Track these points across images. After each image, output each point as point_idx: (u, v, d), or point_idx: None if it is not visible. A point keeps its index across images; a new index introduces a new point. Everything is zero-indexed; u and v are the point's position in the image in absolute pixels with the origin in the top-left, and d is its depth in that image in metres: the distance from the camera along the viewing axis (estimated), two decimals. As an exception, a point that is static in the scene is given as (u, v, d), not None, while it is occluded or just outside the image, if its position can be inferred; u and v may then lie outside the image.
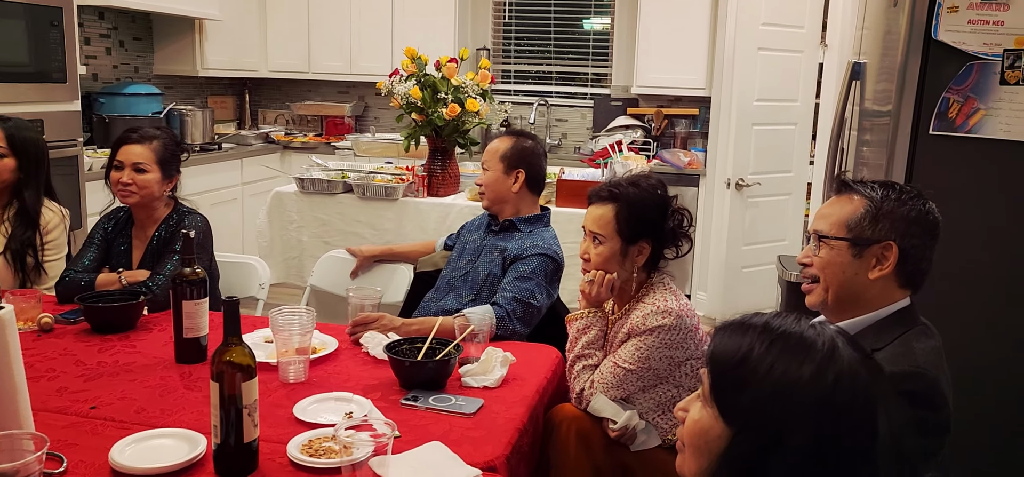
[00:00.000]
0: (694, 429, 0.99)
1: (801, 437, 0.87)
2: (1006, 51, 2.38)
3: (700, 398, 1.01)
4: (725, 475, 0.92)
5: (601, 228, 1.99)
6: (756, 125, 4.15)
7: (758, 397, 0.92)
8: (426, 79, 3.53)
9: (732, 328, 0.99)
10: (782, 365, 0.91)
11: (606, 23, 5.86)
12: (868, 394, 0.90)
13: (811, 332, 0.94)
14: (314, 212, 3.66)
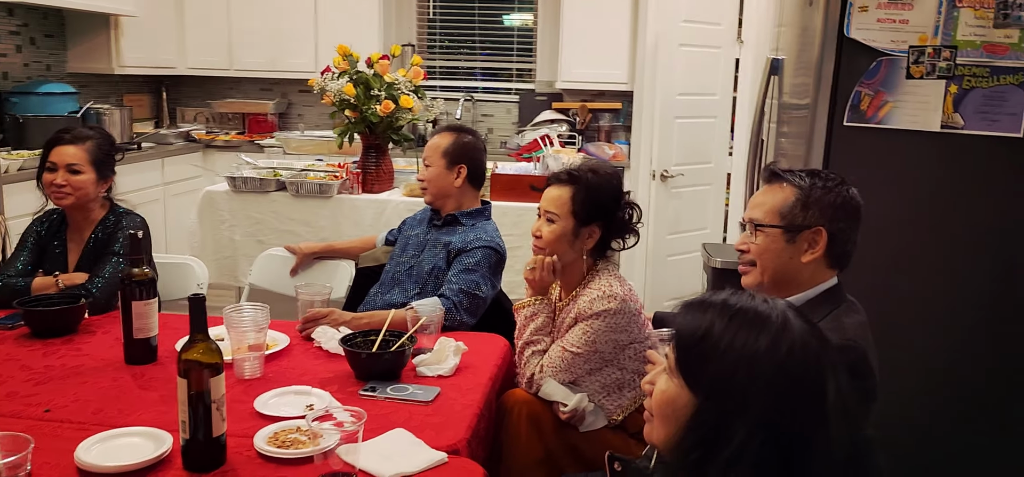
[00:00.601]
0: (662, 399, 1.08)
1: (761, 401, 0.97)
2: (911, 47, 2.57)
3: (665, 371, 1.10)
4: (692, 439, 1.01)
5: (557, 208, 2.08)
6: (678, 118, 4.32)
7: (721, 368, 1.01)
8: (359, 76, 3.54)
9: (694, 306, 1.08)
10: (741, 338, 1.01)
11: (527, 19, 5.96)
12: (818, 360, 1.00)
13: (765, 307, 1.04)
14: (247, 211, 3.63)
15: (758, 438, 0.95)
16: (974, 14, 2.52)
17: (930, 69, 2.57)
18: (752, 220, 1.73)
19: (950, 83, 2.56)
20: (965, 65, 2.54)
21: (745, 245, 1.74)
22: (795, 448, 0.96)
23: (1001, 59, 2.52)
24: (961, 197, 2.61)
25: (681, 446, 1.03)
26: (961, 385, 2.67)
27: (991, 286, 2.62)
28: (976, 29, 2.52)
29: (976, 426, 2.68)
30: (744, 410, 0.97)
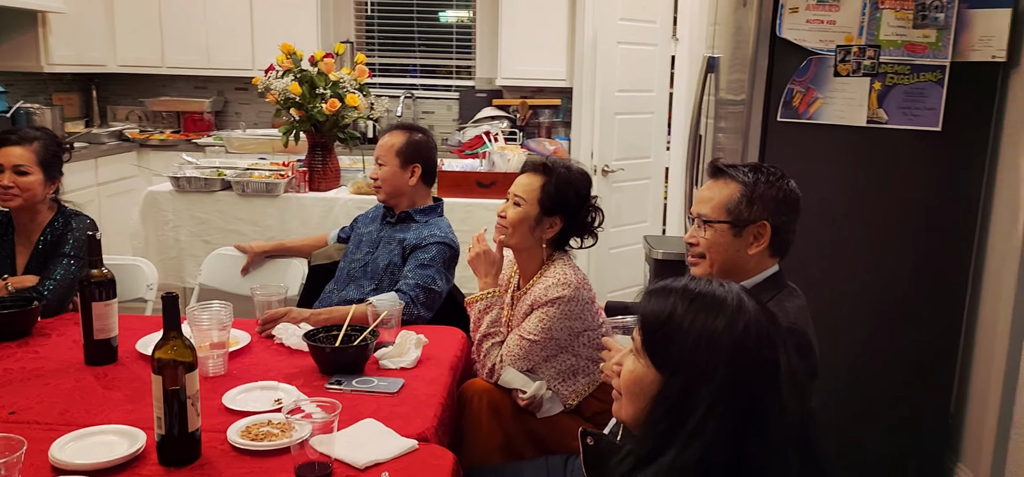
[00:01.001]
0: (630, 378, 1.16)
1: (721, 375, 1.06)
2: (838, 47, 2.73)
3: (632, 353, 1.18)
4: (660, 413, 1.10)
5: (525, 193, 2.15)
6: (618, 114, 4.44)
7: (684, 347, 1.10)
8: (304, 75, 3.55)
9: (656, 292, 1.17)
10: (701, 319, 1.10)
11: (462, 16, 6.02)
12: (770, 337, 1.10)
13: (721, 291, 1.14)
14: (191, 211, 3.60)
15: (719, 408, 1.05)
16: (895, 15, 2.69)
17: (856, 67, 2.73)
18: (700, 215, 1.83)
19: (874, 80, 2.72)
20: (888, 63, 2.71)
21: (694, 239, 1.84)
22: (752, 416, 1.05)
23: (920, 57, 2.70)
24: (885, 187, 2.79)
25: (649, 419, 1.11)
26: (884, 364, 2.85)
27: (912, 269, 2.80)
28: (897, 29, 2.70)
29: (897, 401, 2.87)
30: (706, 383, 1.06)
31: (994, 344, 2.69)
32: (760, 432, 1.05)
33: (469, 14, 6.00)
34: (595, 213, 2.23)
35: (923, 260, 2.80)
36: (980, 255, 2.79)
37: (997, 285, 2.69)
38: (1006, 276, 2.64)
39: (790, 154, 2.77)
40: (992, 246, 2.75)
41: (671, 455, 1.04)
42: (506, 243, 2.19)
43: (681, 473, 1.03)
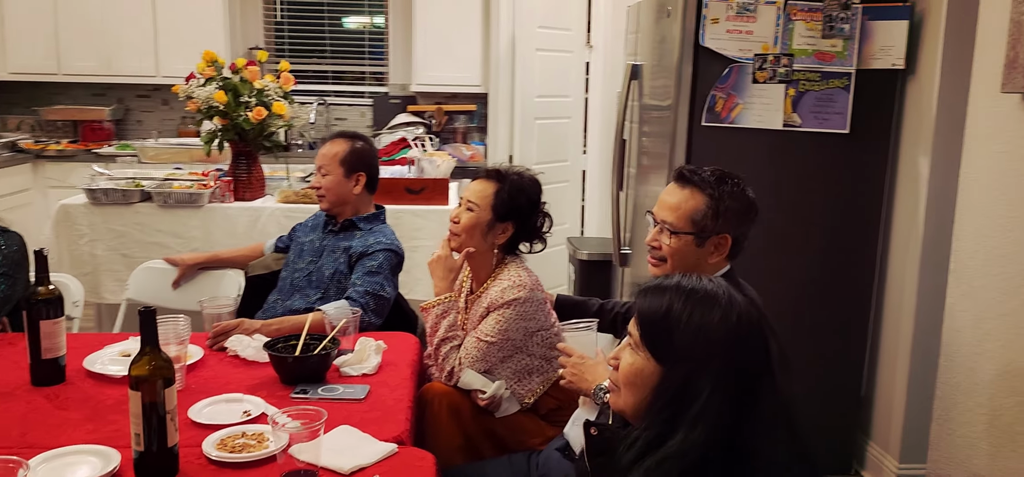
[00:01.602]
0: (630, 371, 1.24)
1: (719, 362, 1.15)
2: (756, 55, 2.90)
3: (628, 348, 1.26)
4: (663, 401, 1.18)
5: (479, 199, 2.19)
6: (538, 119, 4.54)
7: (683, 339, 1.18)
8: (227, 83, 3.48)
9: (651, 290, 1.25)
10: (698, 313, 1.19)
11: (365, 22, 6.00)
12: (759, 325, 1.20)
13: (711, 286, 1.23)
14: (108, 224, 3.47)
15: (720, 393, 1.14)
16: (806, 26, 2.89)
17: (772, 74, 2.91)
18: (665, 223, 1.90)
19: (789, 87, 2.92)
20: (800, 71, 2.90)
21: (657, 242, 1.92)
22: (749, 397, 1.15)
23: (829, 65, 2.90)
24: (801, 185, 2.98)
25: (653, 407, 1.19)
26: (800, 348, 3.04)
27: (825, 259, 3.01)
28: (808, 39, 2.89)
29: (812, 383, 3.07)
30: (706, 372, 1.15)
31: (899, 327, 2.92)
32: (756, 411, 1.14)
33: (376, 20, 5.98)
34: (545, 218, 2.31)
35: (835, 250, 3.01)
36: (886, 244, 3.02)
37: (902, 271, 2.92)
38: (909, 263, 2.87)
39: (714, 156, 2.90)
40: (896, 235, 2.98)
41: (679, 438, 1.13)
42: (458, 248, 2.24)
43: (689, 453, 1.12)
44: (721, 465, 1.12)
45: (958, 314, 1.87)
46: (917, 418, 2.80)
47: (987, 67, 1.76)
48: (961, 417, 1.82)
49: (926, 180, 2.79)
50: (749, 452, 1.13)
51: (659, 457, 1.13)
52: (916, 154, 2.85)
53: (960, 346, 1.85)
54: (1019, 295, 1.65)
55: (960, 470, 1.79)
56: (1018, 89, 1.63)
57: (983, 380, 1.76)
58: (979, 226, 1.79)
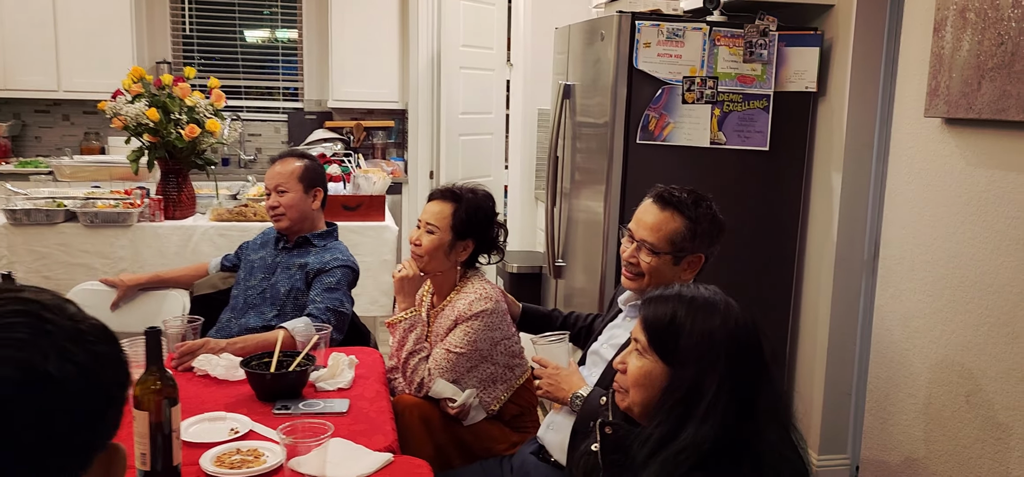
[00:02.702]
0: (639, 374, 1.36)
1: (722, 362, 1.29)
2: (684, 78, 3.10)
3: (635, 353, 1.38)
4: (673, 400, 1.30)
5: (437, 221, 2.26)
6: (462, 136, 4.64)
7: (688, 343, 1.31)
8: (156, 99, 3.42)
9: (656, 300, 1.38)
10: (700, 320, 1.32)
11: (266, 36, 5.96)
12: (754, 326, 1.34)
13: (709, 293, 1.36)
14: (28, 245, 3.34)
15: (725, 390, 1.27)
16: (729, 51, 3.11)
17: (699, 96, 3.12)
18: (645, 242, 2.02)
19: (714, 107, 3.13)
20: (725, 92, 3.12)
21: (634, 258, 2.04)
22: (750, 393, 1.29)
23: (750, 88, 3.13)
24: (726, 198, 3.16)
25: (663, 406, 1.31)
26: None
27: (748, 265, 3.23)
28: (731, 63, 3.11)
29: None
30: (711, 371, 1.28)
31: (816, 327, 3.17)
32: (756, 405, 1.28)
33: (280, 34, 5.94)
34: (500, 230, 2.40)
35: (758, 258, 3.23)
36: (802, 251, 3.27)
37: (817, 276, 3.17)
38: (824, 269, 3.13)
39: (647, 172, 3.10)
40: (811, 243, 3.23)
41: (690, 432, 1.25)
42: (422, 269, 2.30)
43: (701, 445, 1.24)
44: (728, 454, 1.25)
45: (887, 315, 2.09)
46: (834, 412, 3.05)
47: (910, 94, 1.98)
48: (894, 408, 2.03)
49: (838, 192, 3.05)
50: (751, 441, 1.27)
51: (674, 450, 1.25)
52: (829, 169, 3.11)
53: (890, 344, 2.07)
54: (943, 297, 1.87)
55: (895, 454, 2.00)
56: (939, 114, 1.86)
57: (913, 373, 1.97)
58: (904, 236, 2.01)
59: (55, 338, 0.76)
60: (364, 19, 5.52)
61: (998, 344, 1.71)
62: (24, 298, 0.79)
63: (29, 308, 0.77)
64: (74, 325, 0.80)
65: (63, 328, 0.78)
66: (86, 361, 0.79)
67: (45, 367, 0.75)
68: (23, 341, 0.75)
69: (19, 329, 0.76)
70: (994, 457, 1.72)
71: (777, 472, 1.27)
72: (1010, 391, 1.68)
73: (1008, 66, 1.65)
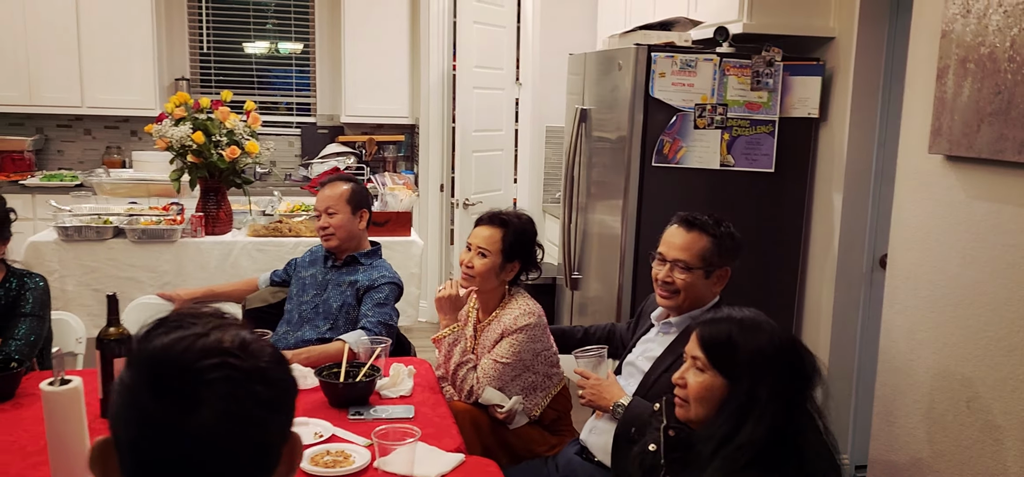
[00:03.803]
0: (700, 389, 1.59)
1: (773, 374, 1.52)
2: (696, 105, 3.34)
3: (693, 370, 1.61)
4: (730, 408, 1.53)
5: (489, 245, 2.48)
6: (475, 152, 4.86)
7: (744, 359, 1.55)
8: (198, 122, 3.62)
9: (711, 323, 1.61)
10: (753, 338, 1.56)
11: (268, 47, 6.16)
12: (794, 341, 1.58)
13: (754, 315, 1.60)
14: (80, 260, 3.53)
15: (774, 396, 1.51)
16: (738, 80, 3.35)
17: (710, 121, 3.36)
18: (678, 261, 2.27)
19: (724, 132, 3.37)
20: (733, 118, 3.36)
21: (669, 278, 2.28)
22: (797, 398, 1.53)
23: (757, 114, 3.38)
24: (734, 217, 3.39)
25: (723, 413, 1.55)
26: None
27: (754, 278, 3.47)
28: (739, 91, 3.36)
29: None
30: (764, 382, 1.52)
31: (818, 336, 3.42)
32: (801, 410, 1.52)
33: (282, 46, 6.13)
34: (541, 249, 2.63)
35: (763, 271, 3.48)
36: (805, 264, 3.52)
37: (819, 289, 3.42)
38: (825, 280, 3.38)
39: (663, 192, 3.35)
40: (813, 257, 3.48)
41: (747, 432, 1.49)
42: (474, 288, 2.51)
43: (756, 443, 1.48)
44: (777, 451, 1.49)
45: (893, 328, 2.33)
46: (835, 414, 3.29)
47: (914, 131, 2.23)
48: (899, 412, 2.27)
49: (839, 211, 3.30)
50: (796, 440, 1.51)
51: (733, 447, 1.48)
52: (830, 189, 3.36)
53: (896, 354, 2.31)
54: (945, 313, 2.11)
55: (901, 455, 2.24)
56: (942, 151, 2.10)
57: (917, 381, 2.21)
58: (909, 258, 2.26)
59: (247, 383, 0.90)
60: (375, 36, 5.74)
61: (995, 356, 1.95)
62: (221, 348, 0.90)
63: (224, 361, 0.89)
64: (255, 363, 0.91)
65: (250, 371, 0.91)
66: (271, 395, 0.93)
67: (249, 411, 0.89)
68: (226, 395, 0.88)
69: (218, 385, 0.88)
70: (992, 456, 1.97)
71: (815, 467, 1.50)
72: (1007, 397, 1.92)
73: (1005, 112, 1.90)
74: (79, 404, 1.53)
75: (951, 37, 2.08)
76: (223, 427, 0.89)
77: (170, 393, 0.88)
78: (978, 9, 2.00)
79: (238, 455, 0.91)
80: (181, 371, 0.89)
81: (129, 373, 0.92)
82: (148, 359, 0.91)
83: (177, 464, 0.88)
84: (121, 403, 0.91)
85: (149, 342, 0.92)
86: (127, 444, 0.90)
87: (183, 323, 0.93)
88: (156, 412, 0.88)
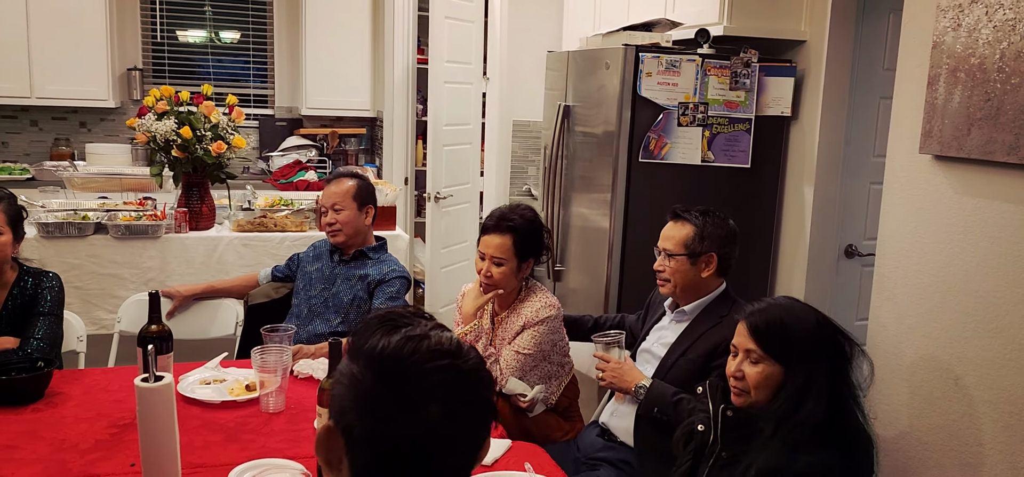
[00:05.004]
0: (759, 378, 1.73)
1: (822, 354, 1.67)
2: (680, 104, 3.50)
3: (747, 362, 1.75)
4: (787, 393, 1.67)
5: (503, 253, 2.55)
6: (446, 146, 4.91)
7: (794, 344, 1.70)
8: (181, 116, 3.59)
9: (757, 313, 1.75)
10: (801, 324, 1.71)
11: (235, 43, 6.09)
12: (831, 321, 1.74)
13: (791, 302, 1.75)
14: (60, 257, 3.45)
15: (830, 376, 1.66)
16: (718, 80, 3.53)
17: (692, 119, 3.53)
18: (666, 250, 2.43)
19: (705, 129, 3.54)
20: (714, 116, 3.54)
21: (662, 267, 2.44)
22: (845, 373, 1.69)
23: (735, 112, 3.56)
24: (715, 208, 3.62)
25: (780, 395, 1.69)
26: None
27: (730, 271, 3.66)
28: (719, 91, 3.53)
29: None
30: (818, 363, 1.67)
31: (792, 324, 3.63)
32: (848, 384, 1.68)
33: (223, 35, 6.07)
34: (549, 236, 2.72)
35: (739, 261, 3.64)
36: (776, 256, 3.73)
37: (790, 273, 3.64)
38: (796, 270, 3.59)
39: (648, 186, 3.50)
40: (784, 246, 3.69)
41: (808, 408, 1.64)
42: (500, 291, 2.58)
43: (814, 418, 1.62)
44: (828, 426, 1.64)
45: (882, 313, 2.53)
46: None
47: (904, 133, 2.43)
48: (885, 390, 2.46)
49: (810, 204, 3.52)
50: (845, 414, 1.66)
51: (793, 424, 1.63)
52: (801, 184, 3.58)
53: (885, 338, 2.51)
54: (934, 299, 2.31)
55: (890, 430, 2.44)
56: (932, 152, 2.30)
57: (905, 362, 2.41)
58: (898, 248, 2.45)
59: (469, 382, 1.00)
60: (336, 27, 5.74)
61: (983, 338, 2.16)
62: (443, 350, 0.99)
63: (452, 363, 0.99)
64: (471, 363, 1.01)
65: (470, 371, 1.01)
66: (486, 390, 1.03)
67: (471, 406, 1.00)
68: (452, 393, 0.98)
69: (446, 385, 0.98)
70: (979, 428, 2.18)
71: (858, 442, 1.67)
72: (994, 375, 2.13)
73: (995, 118, 2.10)
74: (171, 400, 1.56)
75: (942, 48, 2.28)
76: (449, 422, 0.97)
77: (402, 393, 0.97)
78: (969, 23, 2.20)
79: (461, 445, 1.00)
80: (411, 372, 0.97)
81: (358, 370, 0.99)
82: (378, 359, 0.98)
83: (406, 454, 0.97)
84: (350, 397, 0.98)
85: (372, 342, 1.00)
86: (360, 435, 0.98)
87: (400, 323, 1.00)
88: (389, 410, 0.96)
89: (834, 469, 1.61)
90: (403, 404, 0.96)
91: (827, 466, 1.61)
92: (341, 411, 0.99)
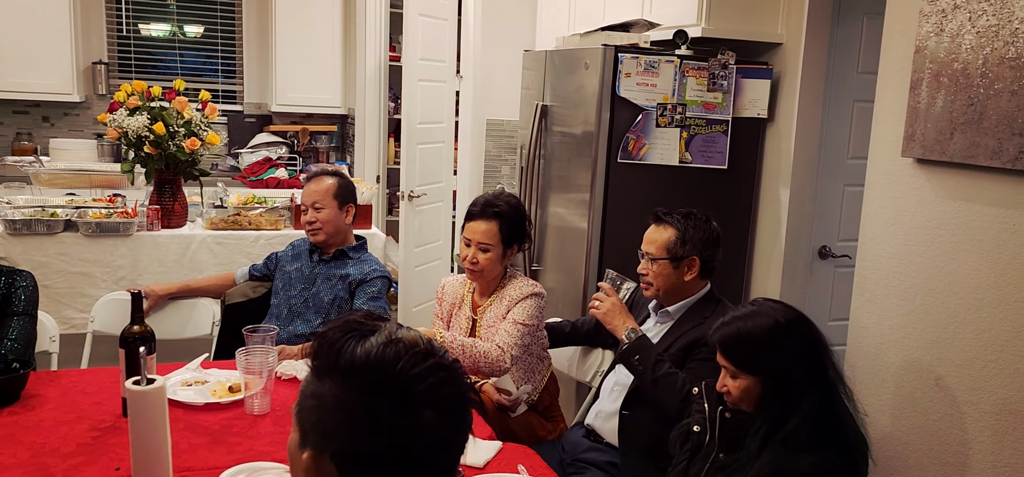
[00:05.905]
0: (740, 393, 1.74)
1: (791, 352, 1.68)
2: (658, 105, 3.51)
3: (728, 376, 1.75)
4: (768, 400, 1.68)
5: (489, 239, 2.54)
6: (420, 144, 4.88)
7: (758, 351, 1.71)
8: (154, 112, 3.51)
9: (721, 327, 1.76)
10: (758, 330, 1.71)
11: (169, 29, 6.00)
12: (809, 324, 1.75)
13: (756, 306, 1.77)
14: (28, 255, 3.36)
15: (810, 369, 1.67)
16: (696, 82, 3.55)
17: (670, 120, 3.54)
18: (648, 254, 2.44)
19: (683, 130, 3.56)
20: (692, 118, 3.56)
21: (645, 271, 2.45)
22: (828, 375, 1.70)
23: (712, 114, 3.59)
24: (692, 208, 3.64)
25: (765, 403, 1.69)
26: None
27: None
28: (697, 92, 3.56)
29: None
30: (787, 362, 1.68)
31: (767, 323, 3.67)
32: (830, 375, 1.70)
33: (187, 29, 5.97)
34: (531, 224, 2.71)
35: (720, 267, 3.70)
36: (751, 256, 3.77)
37: (765, 273, 3.68)
38: (772, 270, 3.63)
39: (627, 187, 3.51)
40: (759, 246, 3.73)
41: (799, 411, 1.64)
42: (482, 279, 2.57)
43: (810, 418, 1.64)
44: (822, 426, 1.66)
45: (863, 315, 2.56)
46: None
47: (886, 136, 2.46)
48: (866, 391, 2.49)
49: (785, 206, 3.56)
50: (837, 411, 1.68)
51: (786, 432, 1.64)
52: (777, 185, 3.62)
53: (864, 339, 2.54)
54: (915, 301, 2.35)
55: (872, 431, 2.47)
56: (914, 155, 2.34)
57: (886, 363, 2.45)
58: (879, 251, 2.49)
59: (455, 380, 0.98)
60: (307, 24, 5.67)
61: (964, 338, 2.20)
62: (421, 351, 0.96)
63: (436, 362, 0.96)
64: (450, 361, 0.99)
65: (453, 369, 0.99)
66: (468, 386, 1.02)
67: (461, 404, 0.99)
68: (442, 394, 0.96)
69: (434, 387, 0.95)
70: (960, 427, 2.22)
71: (855, 443, 1.69)
72: (976, 376, 2.17)
73: (977, 123, 2.14)
74: (164, 403, 1.52)
75: (925, 53, 2.32)
76: (443, 423, 0.95)
77: (396, 402, 0.93)
78: (952, 29, 2.24)
79: (453, 445, 0.98)
80: (401, 379, 0.93)
81: (338, 387, 0.94)
82: (362, 371, 0.93)
83: (403, 464, 0.93)
84: (337, 418, 0.93)
85: (347, 355, 0.94)
86: (353, 455, 0.93)
87: (365, 330, 0.96)
88: (384, 422, 0.92)
89: (834, 470, 1.63)
90: (398, 413, 0.92)
91: (827, 468, 1.62)
92: (326, 435, 0.94)
